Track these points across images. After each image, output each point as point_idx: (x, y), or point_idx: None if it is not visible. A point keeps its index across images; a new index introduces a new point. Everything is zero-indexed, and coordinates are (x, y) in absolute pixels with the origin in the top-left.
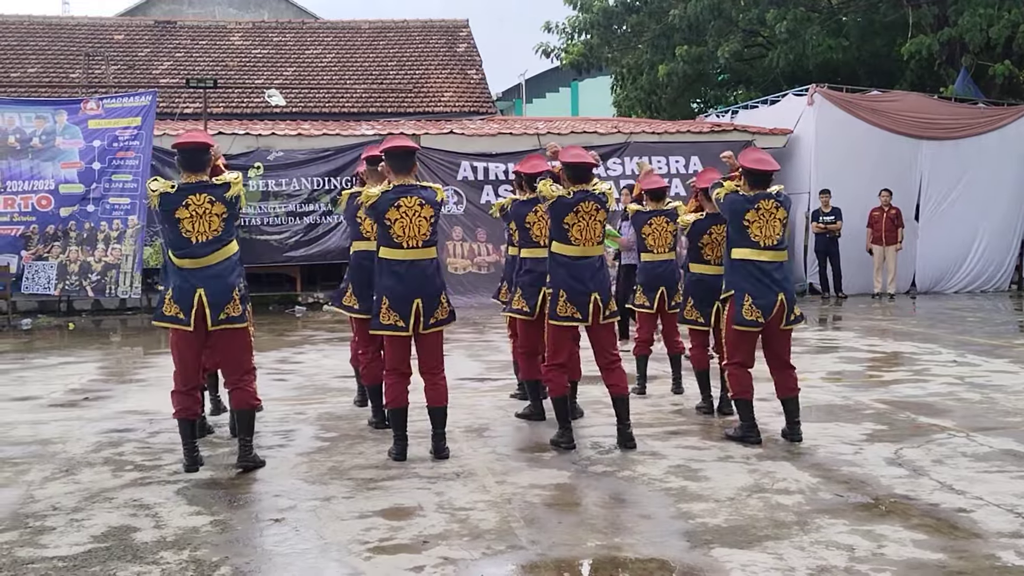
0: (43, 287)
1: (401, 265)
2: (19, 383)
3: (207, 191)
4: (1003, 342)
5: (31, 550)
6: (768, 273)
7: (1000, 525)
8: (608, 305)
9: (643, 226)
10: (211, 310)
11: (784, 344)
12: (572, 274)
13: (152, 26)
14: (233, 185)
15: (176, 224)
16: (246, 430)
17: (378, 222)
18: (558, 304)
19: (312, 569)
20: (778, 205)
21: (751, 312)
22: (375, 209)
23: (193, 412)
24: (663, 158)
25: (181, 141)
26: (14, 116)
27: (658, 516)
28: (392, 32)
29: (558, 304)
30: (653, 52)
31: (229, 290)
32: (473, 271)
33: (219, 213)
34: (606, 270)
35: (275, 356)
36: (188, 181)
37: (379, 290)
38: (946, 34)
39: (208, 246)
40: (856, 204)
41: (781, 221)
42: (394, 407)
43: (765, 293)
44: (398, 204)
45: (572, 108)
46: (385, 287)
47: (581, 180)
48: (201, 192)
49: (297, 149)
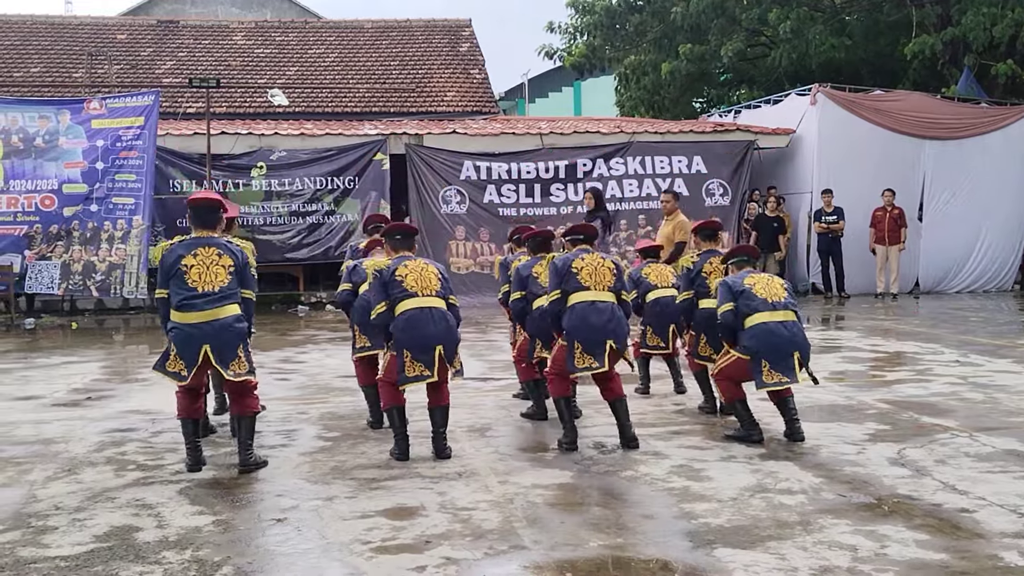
0: (46, 286)
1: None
2: (22, 382)
3: (216, 245)
4: (1006, 342)
5: (33, 550)
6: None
7: (1003, 525)
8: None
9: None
10: (218, 366)
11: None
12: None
13: (155, 25)
14: (245, 249)
15: (183, 275)
16: (247, 434)
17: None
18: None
19: (314, 569)
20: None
21: (771, 376)
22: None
23: (196, 412)
24: (666, 158)
25: (195, 198)
26: (17, 116)
27: (661, 516)
28: (395, 32)
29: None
30: (656, 51)
31: (234, 348)
32: (476, 271)
33: (226, 265)
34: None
35: (278, 356)
36: (199, 236)
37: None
38: (949, 33)
39: (214, 299)
40: (859, 204)
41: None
42: (391, 406)
43: (783, 358)
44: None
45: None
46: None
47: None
48: (210, 246)
49: (300, 149)
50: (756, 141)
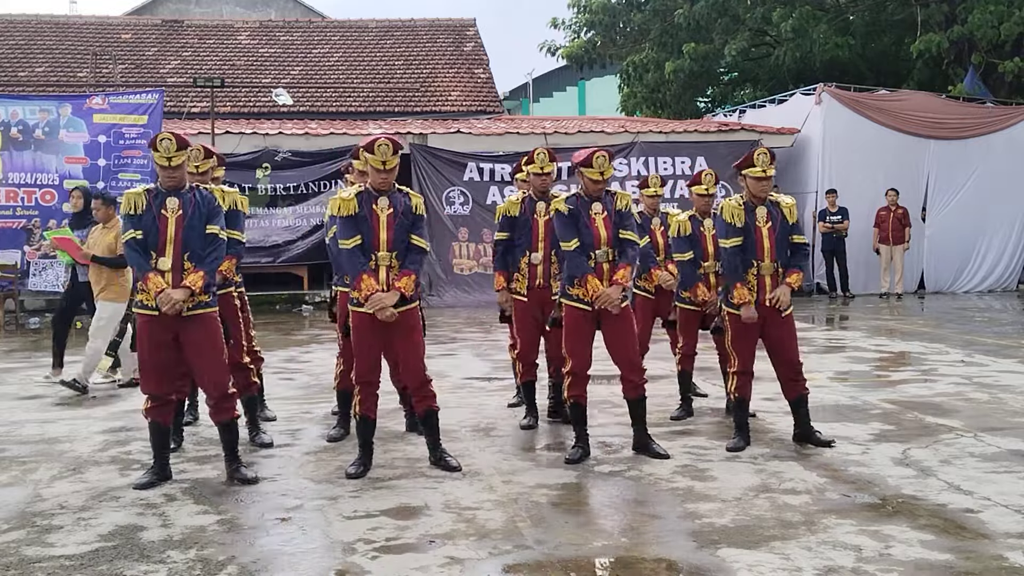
0: (51, 284)
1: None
2: (26, 382)
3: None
4: (1011, 342)
5: (38, 549)
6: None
7: (1008, 526)
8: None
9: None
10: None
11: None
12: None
13: (159, 25)
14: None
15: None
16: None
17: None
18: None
19: (318, 568)
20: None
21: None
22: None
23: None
24: (669, 158)
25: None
26: (18, 109)
27: (665, 516)
28: (399, 31)
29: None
30: (659, 50)
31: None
32: (479, 271)
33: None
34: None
35: (282, 355)
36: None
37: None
38: (956, 32)
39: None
40: (863, 204)
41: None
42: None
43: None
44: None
45: (579, 107)
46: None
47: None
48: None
49: (304, 148)
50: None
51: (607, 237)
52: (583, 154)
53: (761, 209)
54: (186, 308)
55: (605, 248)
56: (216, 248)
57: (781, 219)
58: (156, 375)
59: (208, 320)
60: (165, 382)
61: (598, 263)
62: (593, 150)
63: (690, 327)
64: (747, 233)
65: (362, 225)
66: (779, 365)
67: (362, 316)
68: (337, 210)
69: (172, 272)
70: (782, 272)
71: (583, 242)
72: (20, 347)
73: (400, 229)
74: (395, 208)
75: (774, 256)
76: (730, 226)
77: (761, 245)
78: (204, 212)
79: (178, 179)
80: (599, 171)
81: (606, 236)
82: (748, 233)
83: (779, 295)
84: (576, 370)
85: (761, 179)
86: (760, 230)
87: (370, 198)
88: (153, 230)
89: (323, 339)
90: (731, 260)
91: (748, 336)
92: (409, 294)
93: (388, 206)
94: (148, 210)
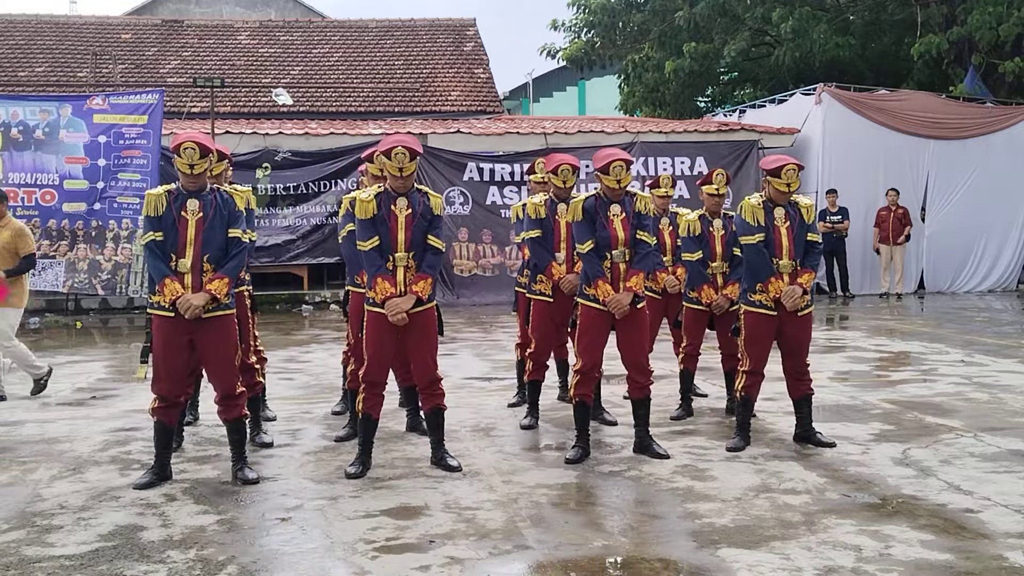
0: (51, 283)
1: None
2: (27, 382)
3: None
4: (1011, 342)
5: (38, 549)
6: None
7: (1008, 526)
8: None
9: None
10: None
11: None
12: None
13: (159, 25)
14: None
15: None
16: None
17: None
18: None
19: (318, 568)
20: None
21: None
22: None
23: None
24: (668, 159)
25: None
26: (18, 110)
27: (665, 516)
28: (399, 31)
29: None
30: (659, 49)
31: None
32: (478, 272)
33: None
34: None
35: (282, 355)
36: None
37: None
38: (955, 33)
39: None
40: (863, 203)
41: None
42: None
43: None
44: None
45: (579, 107)
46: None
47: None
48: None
49: (304, 148)
50: (760, 141)
51: (624, 238)
52: (602, 159)
53: (779, 209)
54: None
55: (622, 248)
56: (239, 252)
57: (799, 219)
58: (169, 377)
59: (226, 322)
60: (177, 385)
61: (614, 263)
62: (612, 158)
63: (696, 327)
64: (766, 232)
65: (380, 226)
66: (788, 363)
67: (378, 316)
68: (356, 212)
69: (192, 273)
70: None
71: (599, 242)
72: None
73: (418, 230)
74: (413, 208)
75: (792, 255)
76: (751, 224)
77: (780, 244)
78: (224, 215)
79: (199, 183)
80: (616, 179)
81: (623, 237)
82: (767, 232)
83: (788, 293)
84: (585, 369)
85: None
86: (779, 229)
87: (388, 199)
88: (173, 232)
89: (323, 339)
90: (757, 257)
91: (764, 337)
92: (425, 297)
93: (407, 207)
94: (168, 212)
